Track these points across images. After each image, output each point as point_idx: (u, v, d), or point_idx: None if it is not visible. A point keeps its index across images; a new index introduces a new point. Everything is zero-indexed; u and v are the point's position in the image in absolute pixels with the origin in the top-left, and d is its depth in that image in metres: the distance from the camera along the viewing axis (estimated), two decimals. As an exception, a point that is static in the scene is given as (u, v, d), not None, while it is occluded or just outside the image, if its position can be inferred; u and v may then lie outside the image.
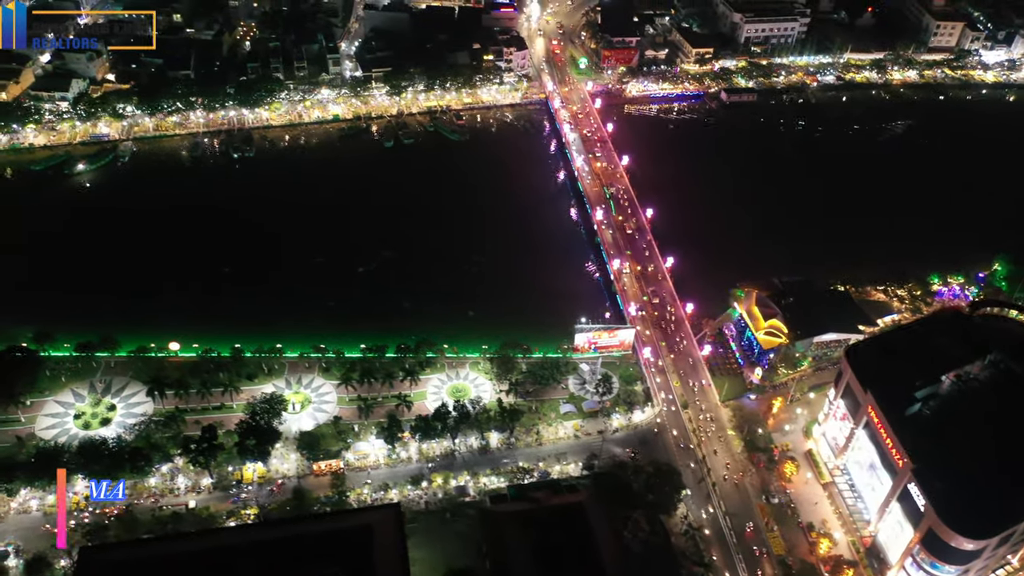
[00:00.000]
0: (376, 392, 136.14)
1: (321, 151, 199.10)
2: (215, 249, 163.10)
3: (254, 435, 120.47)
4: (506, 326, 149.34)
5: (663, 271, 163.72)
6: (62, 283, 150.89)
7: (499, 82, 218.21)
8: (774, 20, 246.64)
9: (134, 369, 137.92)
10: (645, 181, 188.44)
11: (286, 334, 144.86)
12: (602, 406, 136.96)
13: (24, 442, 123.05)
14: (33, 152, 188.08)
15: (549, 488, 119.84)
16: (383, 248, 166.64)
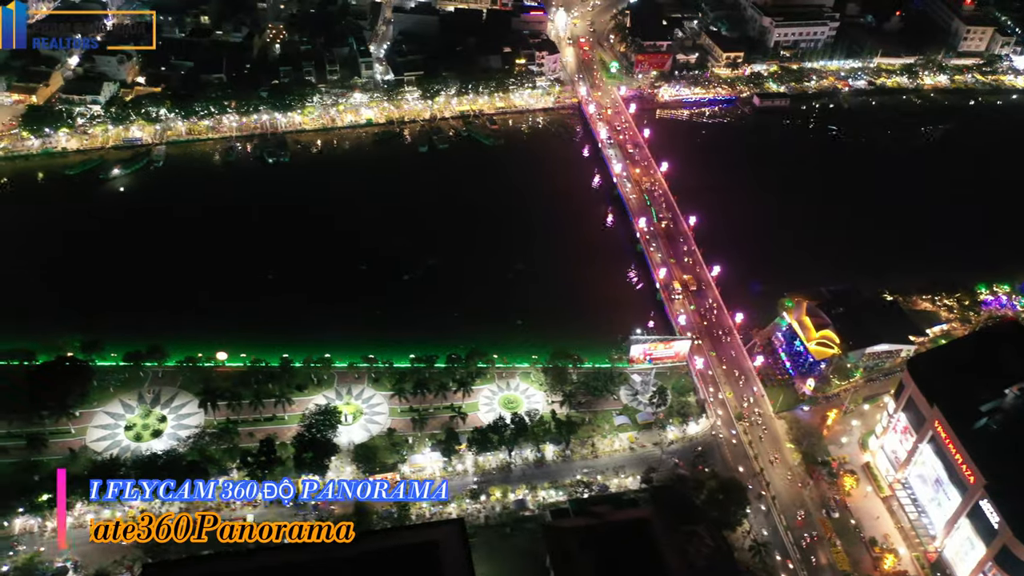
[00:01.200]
0: (428, 403, 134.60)
1: (355, 156, 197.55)
2: (256, 255, 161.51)
3: (311, 448, 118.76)
4: (552, 335, 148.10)
5: (708, 280, 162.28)
6: (104, 290, 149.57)
7: (532, 86, 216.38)
8: (804, 24, 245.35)
9: (182, 379, 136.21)
10: (684, 187, 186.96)
11: (334, 343, 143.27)
12: (656, 418, 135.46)
13: (77, 455, 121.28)
14: (66, 156, 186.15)
15: (610, 502, 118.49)
16: (426, 255, 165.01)
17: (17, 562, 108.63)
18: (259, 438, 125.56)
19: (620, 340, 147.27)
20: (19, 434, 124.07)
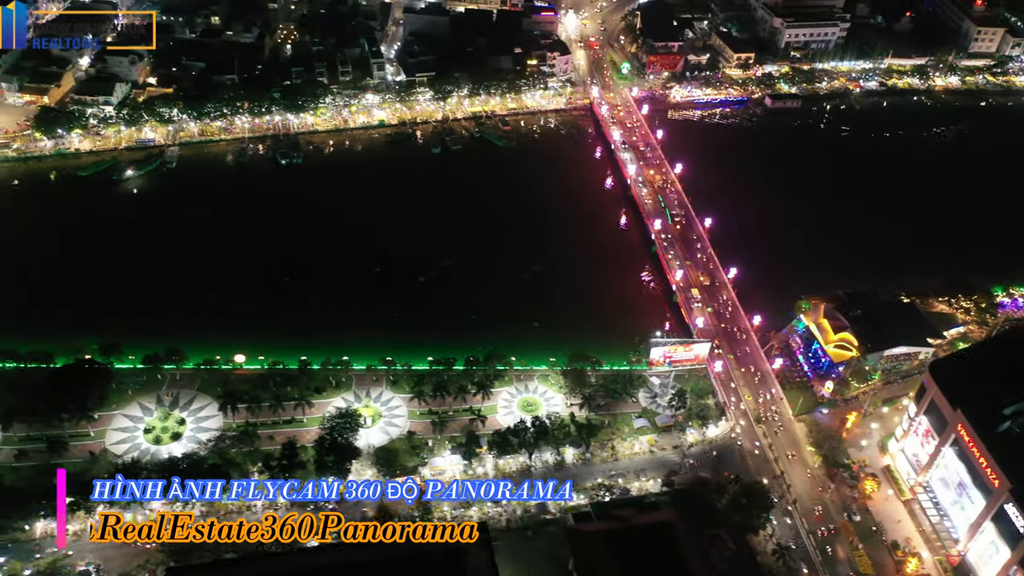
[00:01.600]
0: (447, 406, 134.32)
1: (368, 157, 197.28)
2: (271, 257, 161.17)
3: (332, 451, 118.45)
4: (568, 337, 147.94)
5: (725, 281, 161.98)
6: (120, 292, 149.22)
7: (543, 87, 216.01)
8: (815, 25, 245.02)
9: (200, 381, 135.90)
10: (697, 188, 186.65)
11: (351, 345, 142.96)
12: (675, 420, 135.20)
13: (98, 458, 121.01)
14: (79, 158, 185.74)
15: (632, 506, 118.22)
16: (440, 256, 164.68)
17: (40, 566, 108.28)
18: (279, 441, 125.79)
19: (637, 342, 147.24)
20: (39, 437, 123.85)
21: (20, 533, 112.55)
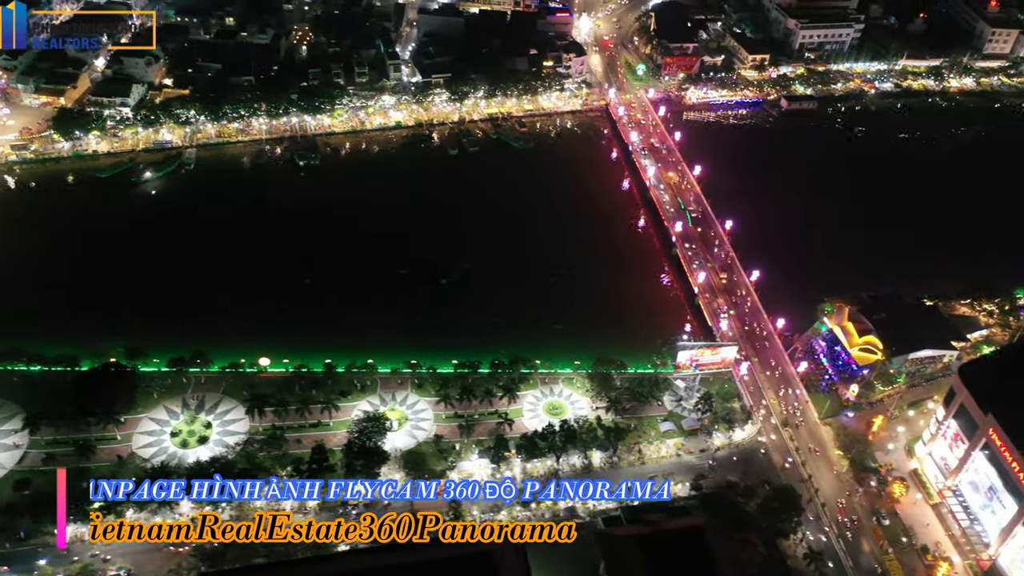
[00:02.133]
0: (473, 409, 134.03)
1: (386, 159, 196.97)
2: (291, 259, 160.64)
3: (361, 455, 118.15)
4: (590, 340, 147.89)
5: (746, 284, 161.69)
6: (141, 295, 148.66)
7: (560, 89, 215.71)
8: (829, 26, 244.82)
9: (225, 384, 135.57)
10: (716, 190, 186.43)
11: (375, 348, 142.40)
12: (701, 424, 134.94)
13: (126, 462, 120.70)
14: (97, 159, 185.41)
15: (661, 510, 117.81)
16: (461, 259, 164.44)
17: (71, 571, 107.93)
18: (306, 445, 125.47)
19: (660, 345, 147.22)
20: (66, 440, 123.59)
21: (50, 537, 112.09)
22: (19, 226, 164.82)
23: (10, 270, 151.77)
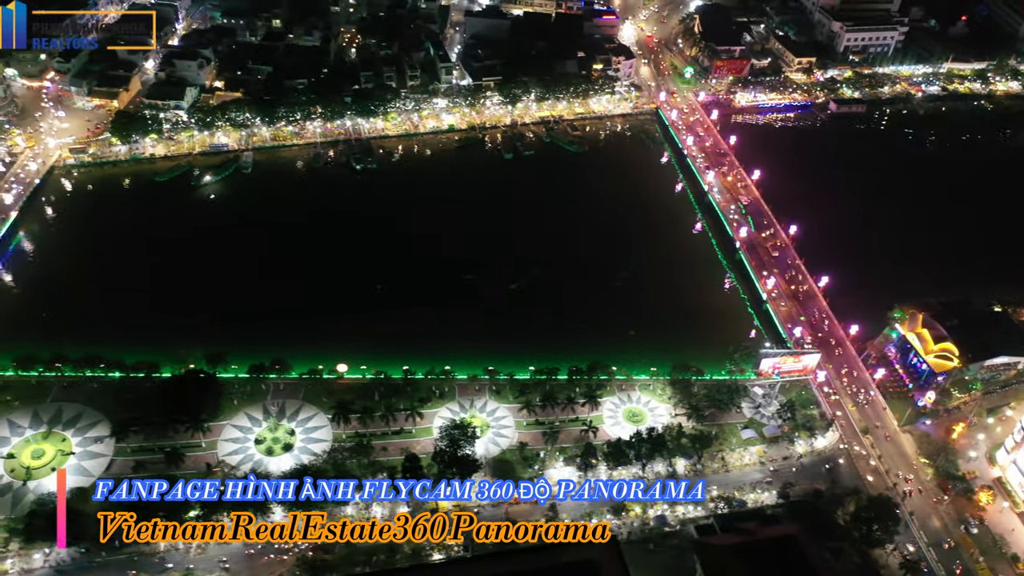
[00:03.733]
0: (554, 416, 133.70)
1: (441, 162, 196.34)
2: (359, 264, 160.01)
3: (453, 464, 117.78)
4: (661, 345, 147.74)
5: (814, 290, 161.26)
6: (213, 300, 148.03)
7: (611, 92, 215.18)
8: (874, 29, 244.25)
9: (304, 391, 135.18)
10: (774, 195, 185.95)
11: (445, 354, 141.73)
12: (782, 431, 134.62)
13: (218, 469, 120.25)
14: (154, 163, 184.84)
15: (752, 518, 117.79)
16: (526, 264, 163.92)
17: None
18: (392, 453, 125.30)
19: (732, 351, 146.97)
20: (151, 448, 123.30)
21: (144, 546, 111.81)
22: (83, 230, 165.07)
23: (79, 275, 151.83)
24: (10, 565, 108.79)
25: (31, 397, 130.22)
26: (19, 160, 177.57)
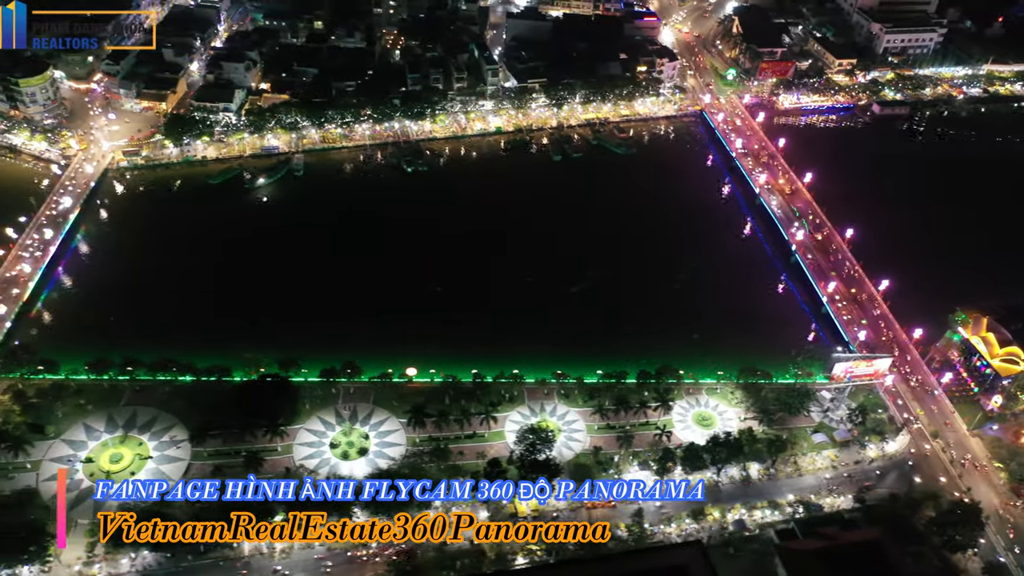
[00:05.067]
0: (624, 420, 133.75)
1: (490, 164, 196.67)
2: (416, 266, 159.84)
3: (533, 468, 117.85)
4: (722, 348, 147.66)
5: (873, 293, 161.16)
6: (275, 304, 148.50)
7: (656, 94, 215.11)
8: (914, 30, 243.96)
9: (375, 395, 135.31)
10: (824, 197, 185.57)
11: (511, 358, 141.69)
12: (852, 435, 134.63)
13: (297, 473, 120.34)
14: (206, 165, 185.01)
15: (834, 523, 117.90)
16: (584, 266, 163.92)
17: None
18: (469, 456, 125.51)
19: (795, 355, 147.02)
20: (227, 452, 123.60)
21: (228, 551, 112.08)
22: (141, 233, 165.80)
23: (141, 277, 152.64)
24: (97, 570, 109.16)
25: (104, 401, 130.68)
26: (73, 162, 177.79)
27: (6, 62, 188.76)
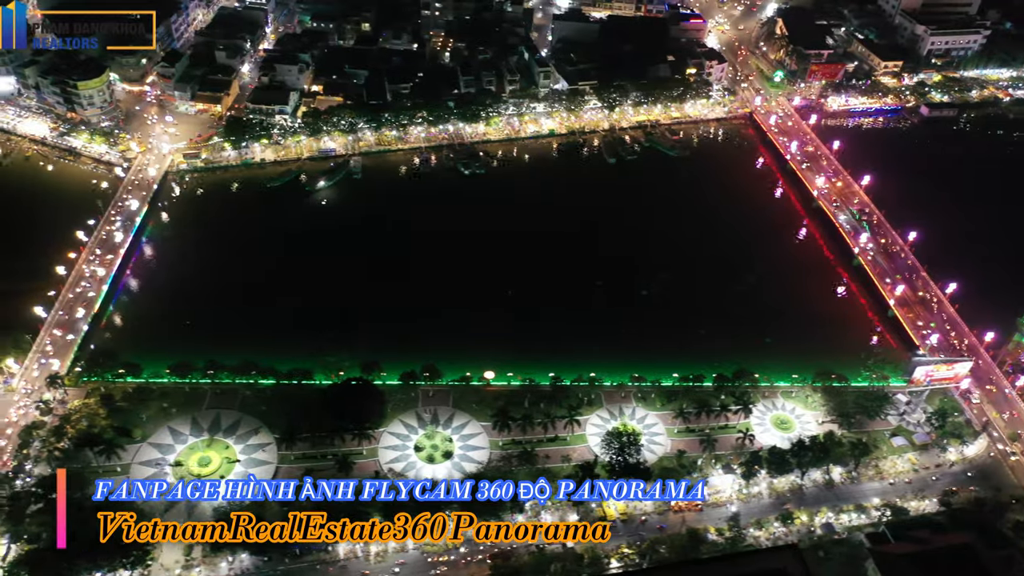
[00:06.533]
0: (703, 423, 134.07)
1: (545, 167, 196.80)
2: (487, 270, 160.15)
3: (625, 472, 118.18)
4: (792, 352, 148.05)
5: (940, 296, 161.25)
6: (343, 307, 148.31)
7: (707, 96, 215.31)
8: (958, 32, 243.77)
9: (453, 398, 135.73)
10: (883, 199, 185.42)
11: (585, 361, 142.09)
12: (931, 439, 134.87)
13: (387, 476, 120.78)
14: (264, 168, 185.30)
15: (923, 527, 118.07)
16: (653, 269, 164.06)
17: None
18: (553, 460, 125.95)
19: (863, 358, 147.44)
20: (314, 455, 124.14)
21: (323, 553, 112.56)
22: (206, 235, 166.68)
23: (210, 280, 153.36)
24: (196, 573, 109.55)
25: (186, 404, 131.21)
26: (134, 165, 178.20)
27: (62, 64, 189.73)
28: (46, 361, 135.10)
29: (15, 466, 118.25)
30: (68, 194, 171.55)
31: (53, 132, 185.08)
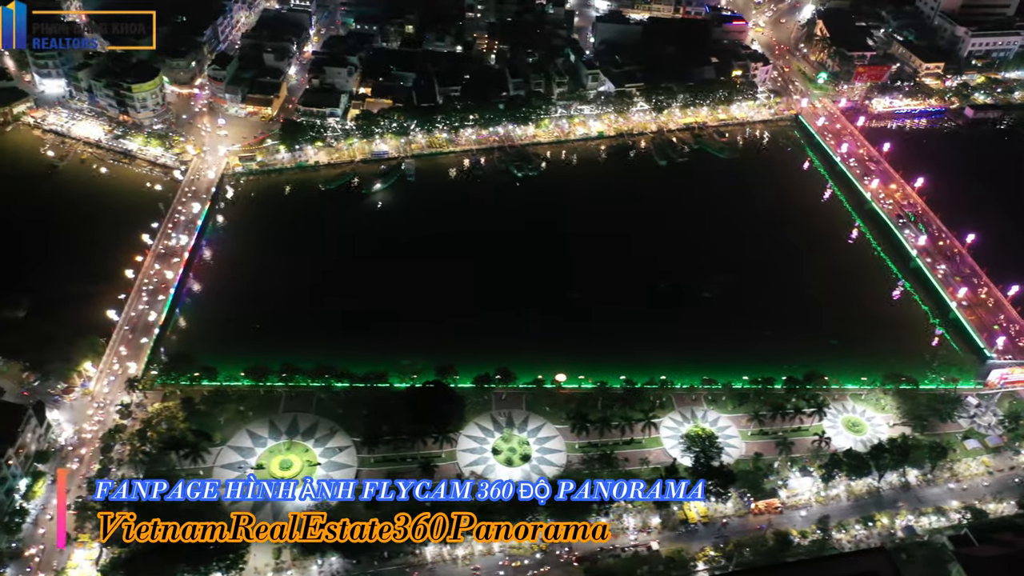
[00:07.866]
0: (775, 426, 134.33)
1: (596, 169, 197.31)
2: (548, 273, 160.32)
3: (708, 475, 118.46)
4: (855, 354, 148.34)
5: (1001, 299, 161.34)
6: (412, 310, 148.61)
7: (753, 98, 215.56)
8: (999, 34, 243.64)
9: (527, 401, 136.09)
10: (936, 201, 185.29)
11: (655, 363, 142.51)
12: (1003, 441, 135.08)
13: (462, 478, 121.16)
14: (318, 170, 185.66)
15: (1007, 529, 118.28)
16: (715, 271, 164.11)
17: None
18: (632, 464, 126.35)
19: (928, 360, 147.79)
20: (394, 458, 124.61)
21: (412, 557, 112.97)
22: (267, 238, 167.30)
23: (277, 283, 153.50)
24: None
25: (262, 407, 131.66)
26: (191, 167, 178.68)
27: (115, 67, 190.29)
28: (120, 365, 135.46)
29: (99, 470, 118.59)
30: (126, 196, 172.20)
31: (108, 135, 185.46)
